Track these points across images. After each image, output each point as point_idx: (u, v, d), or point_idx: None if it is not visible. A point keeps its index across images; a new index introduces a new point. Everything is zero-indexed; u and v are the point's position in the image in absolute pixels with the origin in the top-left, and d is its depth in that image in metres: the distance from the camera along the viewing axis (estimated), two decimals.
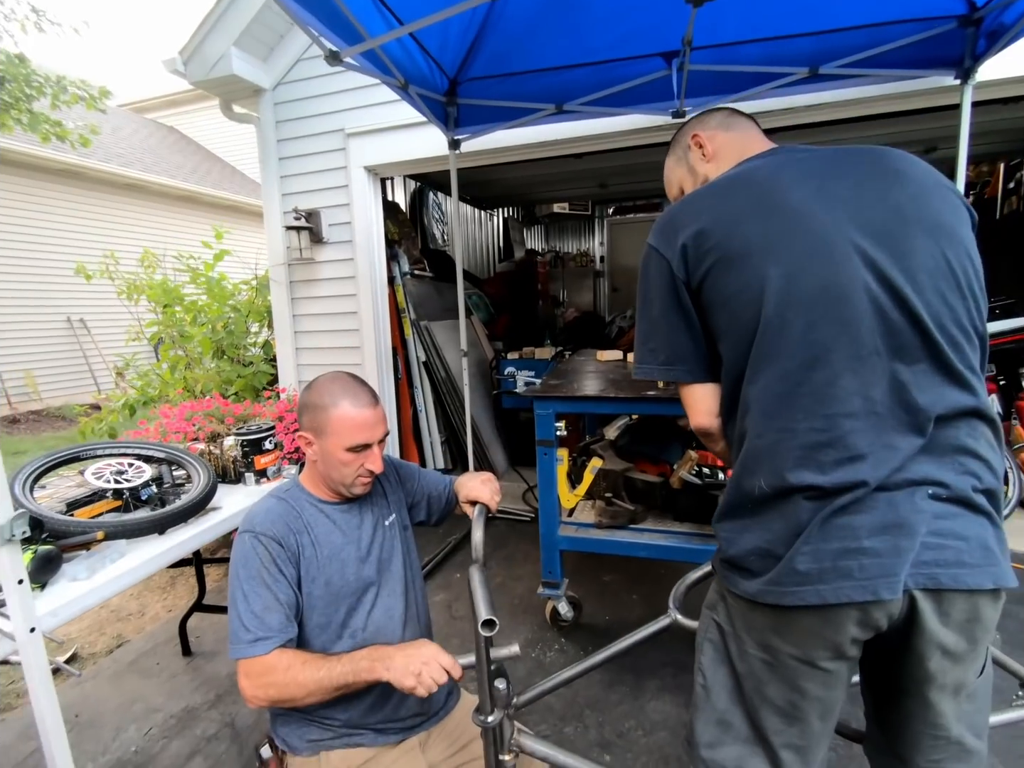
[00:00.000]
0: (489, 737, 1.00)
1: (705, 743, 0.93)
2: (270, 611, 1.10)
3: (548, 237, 9.30)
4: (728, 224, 0.90)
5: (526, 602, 2.47)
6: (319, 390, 1.22)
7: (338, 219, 3.52)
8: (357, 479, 1.21)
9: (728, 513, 0.91)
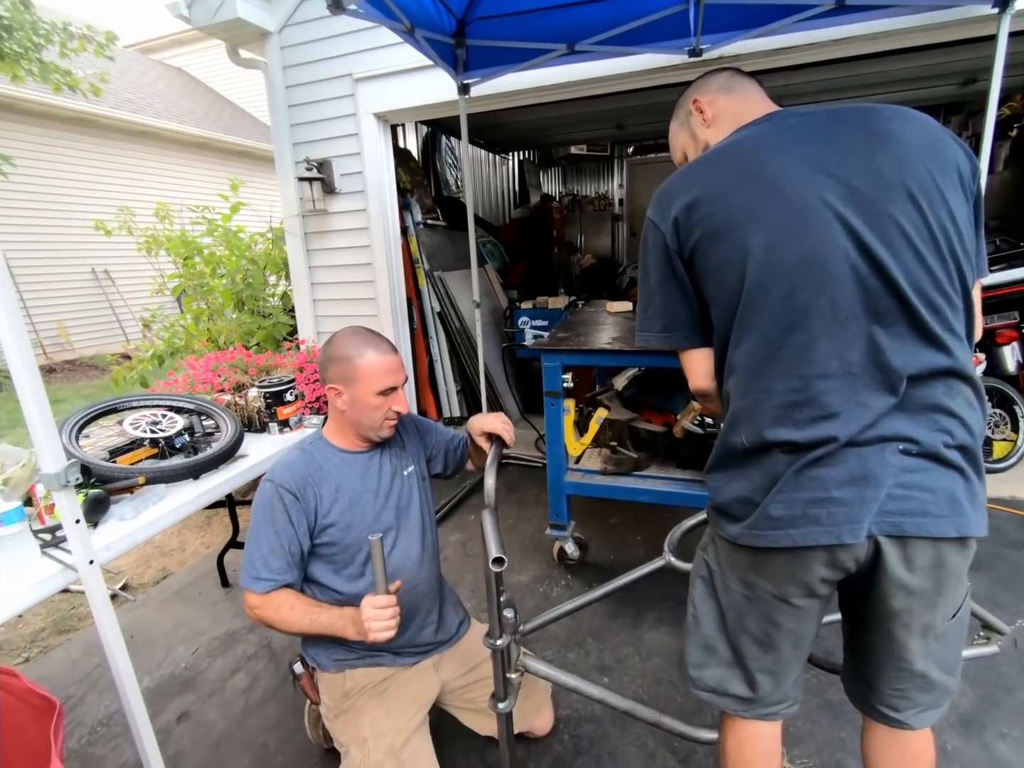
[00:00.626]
0: (497, 658, 1.13)
1: (693, 664, 1.06)
2: (274, 555, 1.25)
3: (565, 180, 9.04)
4: (714, 196, 0.93)
5: (535, 542, 2.62)
6: (341, 344, 1.32)
7: (349, 169, 3.50)
8: (385, 422, 1.33)
9: (716, 465, 0.99)
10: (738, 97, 1.09)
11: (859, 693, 1.04)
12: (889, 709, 0.98)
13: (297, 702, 1.78)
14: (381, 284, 3.64)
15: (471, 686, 1.48)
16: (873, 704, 1.00)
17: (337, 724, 1.35)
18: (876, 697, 0.99)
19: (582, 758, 1.55)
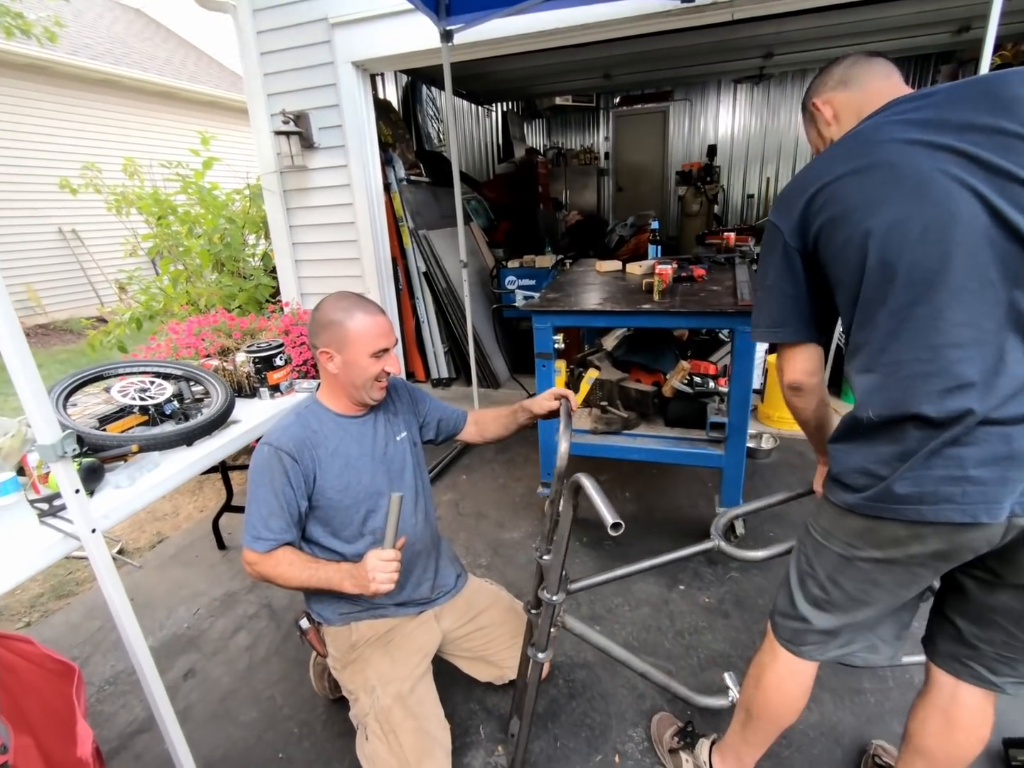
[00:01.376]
0: (549, 612, 1.22)
1: (779, 612, 1.14)
2: (274, 516, 1.27)
3: (550, 132, 8.79)
4: (833, 187, 0.95)
5: (526, 500, 2.68)
6: (330, 308, 1.32)
7: (328, 122, 3.36)
8: (375, 383, 1.34)
9: (840, 436, 0.98)
10: (857, 90, 1.07)
11: (952, 652, 1.05)
12: (988, 672, 1.01)
13: (300, 656, 1.84)
14: (365, 244, 3.56)
15: (470, 635, 1.54)
16: (969, 664, 1.03)
17: (345, 674, 1.40)
18: (976, 658, 1.02)
19: (576, 701, 1.64)
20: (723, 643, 1.80)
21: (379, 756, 1.30)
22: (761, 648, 1.21)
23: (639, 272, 2.59)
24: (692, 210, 6.99)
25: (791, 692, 1.16)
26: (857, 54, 1.11)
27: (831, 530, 1.00)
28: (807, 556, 1.06)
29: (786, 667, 1.14)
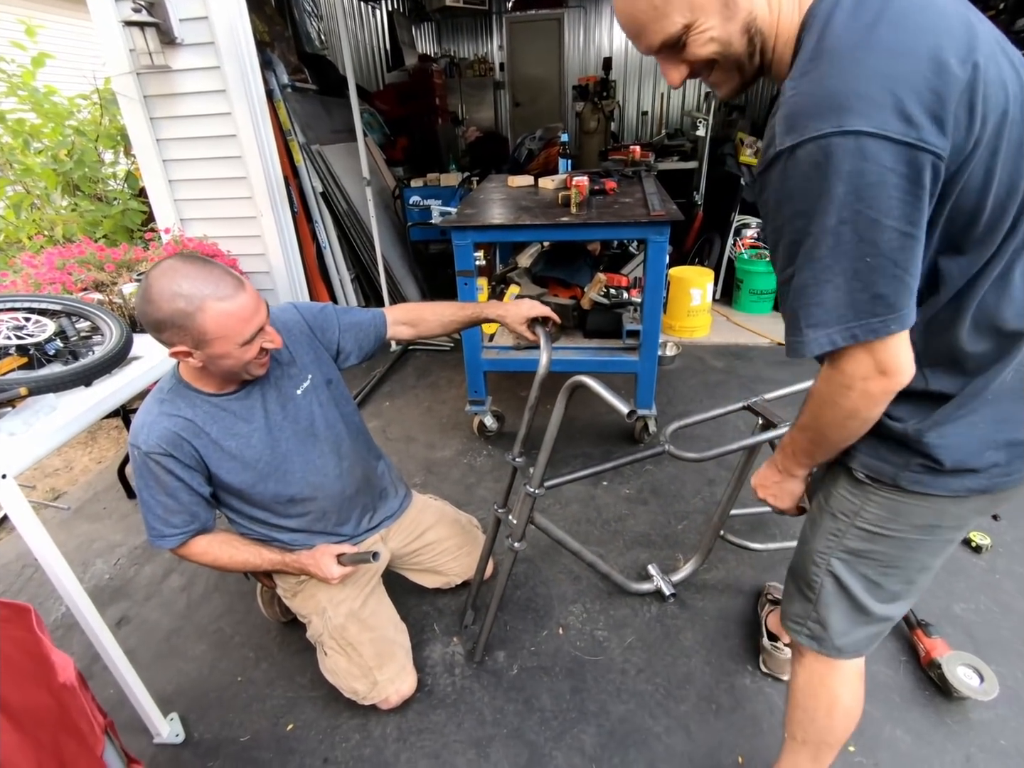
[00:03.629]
0: (529, 503, 1.34)
1: (840, 632, 0.94)
2: (171, 513, 1.21)
3: (440, 39, 8.17)
4: (991, 55, 0.63)
5: (453, 420, 2.74)
6: (165, 297, 1.00)
7: (191, 12, 2.89)
8: (253, 363, 1.14)
9: (944, 420, 0.75)
10: None
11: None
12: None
13: (244, 588, 1.82)
14: (251, 160, 3.21)
15: (419, 551, 1.62)
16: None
17: (296, 601, 1.43)
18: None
19: (520, 590, 1.79)
20: (644, 525, 2.03)
21: (340, 667, 1.37)
22: (808, 676, 1.01)
23: (552, 186, 2.59)
24: (590, 127, 6.94)
25: (859, 706, 1.03)
26: None
27: (938, 523, 0.82)
28: (884, 560, 0.86)
29: (855, 675, 1.00)
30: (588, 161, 6.21)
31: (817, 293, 0.65)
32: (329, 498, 1.39)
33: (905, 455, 0.77)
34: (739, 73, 0.73)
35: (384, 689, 1.37)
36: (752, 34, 0.68)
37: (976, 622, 1.58)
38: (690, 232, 4.19)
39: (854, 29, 0.60)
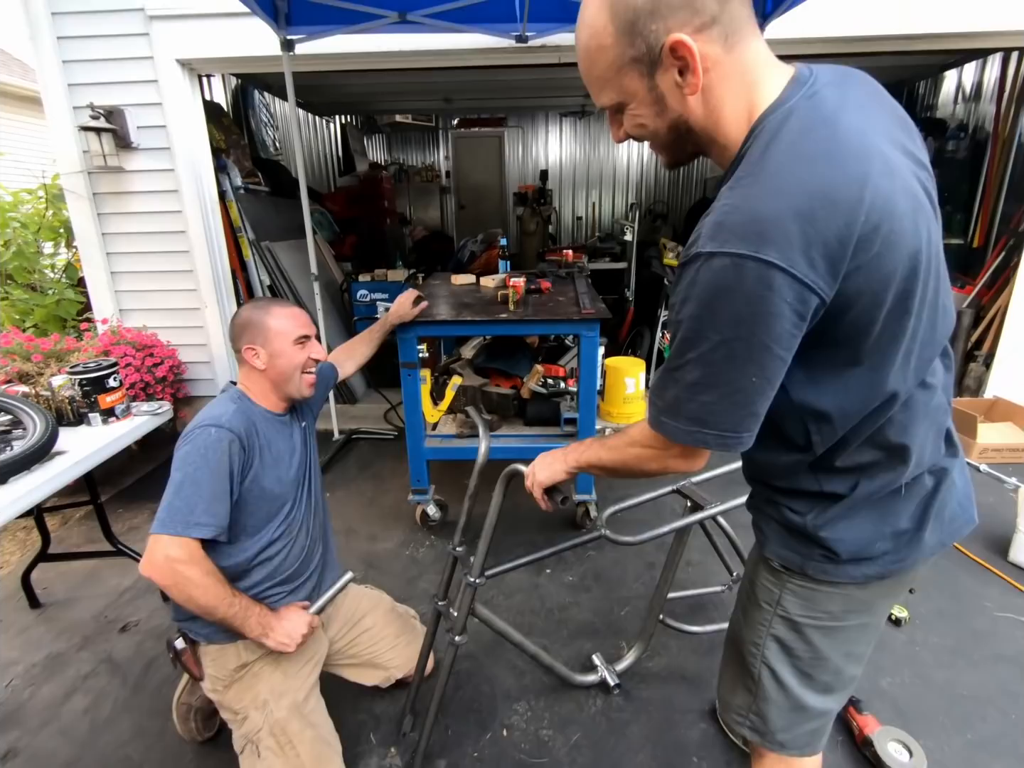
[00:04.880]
0: (469, 594, 1.33)
1: (781, 729, 0.94)
2: (218, 501, 1.19)
3: (391, 148, 8.80)
4: (886, 202, 0.66)
5: (396, 511, 2.70)
6: (247, 311, 1.36)
7: (149, 121, 3.06)
8: (304, 377, 1.36)
9: (841, 516, 0.81)
10: (743, 50, 0.67)
11: None
12: None
13: (158, 706, 1.66)
14: (200, 255, 3.29)
15: (356, 641, 1.55)
16: None
17: (230, 694, 1.32)
18: None
19: (463, 689, 1.72)
20: (587, 613, 2.02)
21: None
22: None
23: (492, 285, 2.78)
24: (530, 229, 7.50)
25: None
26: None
27: (848, 608, 0.86)
28: (808, 650, 0.89)
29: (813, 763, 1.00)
30: (528, 260, 6.65)
31: (702, 395, 0.70)
32: (296, 547, 1.40)
33: (809, 546, 0.83)
34: (672, 154, 0.79)
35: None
36: (681, 132, 0.72)
37: (902, 696, 1.65)
38: (623, 325, 4.50)
39: (795, 159, 0.63)
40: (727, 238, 0.63)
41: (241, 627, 1.21)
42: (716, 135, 0.72)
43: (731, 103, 0.69)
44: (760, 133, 0.67)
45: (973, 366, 3.74)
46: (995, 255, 3.90)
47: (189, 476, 1.18)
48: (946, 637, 1.86)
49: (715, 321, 0.65)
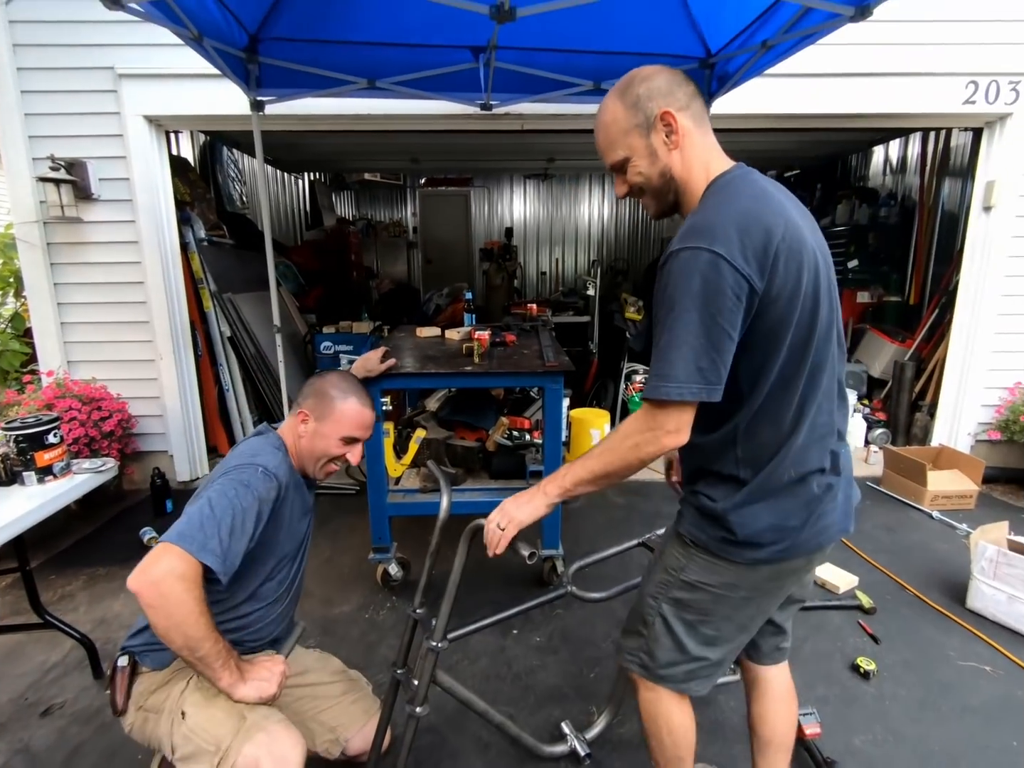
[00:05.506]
0: (431, 659, 1.26)
1: (664, 664, 1.13)
2: (237, 539, 1.12)
3: (359, 204, 8.98)
4: (794, 230, 0.94)
5: (355, 571, 2.58)
6: (331, 383, 1.35)
7: (112, 173, 3.05)
8: (329, 465, 1.36)
9: (743, 503, 1.00)
10: (705, 131, 1.02)
11: (774, 644, 1.27)
12: (777, 652, 1.28)
13: None
14: (157, 306, 3.22)
15: (301, 699, 1.43)
16: (783, 647, 1.28)
17: (154, 696, 1.21)
18: (785, 638, 1.28)
19: (424, 767, 1.60)
20: (556, 677, 1.94)
21: (200, 721, 1.15)
22: (644, 704, 1.21)
23: (457, 338, 2.80)
24: (495, 283, 7.67)
25: (691, 708, 1.22)
26: (687, 76, 1.01)
27: (736, 583, 1.05)
28: (698, 608, 1.08)
29: (682, 703, 1.19)
30: (494, 313, 6.76)
31: (672, 354, 0.90)
32: (274, 612, 1.35)
33: (715, 527, 1.03)
34: (659, 202, 1.06)
35: (256, 725, 1.13)
36: (667, 179, 1.01)
37: (875, 754, 1.61)
38: (588, 377, 4.57)
39: (737, 197, 0.94)
40: (688, 238, 0.89)
41: (220, 669, 1.09)
42: (688, 184, 1.01)
43: (697, 163, 1.00)
44: (713, 187, 0.98)
45: (919, 416, 3.91)
46: (930, 312, 4.17)
47: (226, 504, 1.12)
48: (914, 689, 1.85)
49: (684, 295, 0.88)
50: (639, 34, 2.59)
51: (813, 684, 1.87)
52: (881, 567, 2.56)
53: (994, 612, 2.15)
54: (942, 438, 3.68)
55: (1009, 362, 3.45)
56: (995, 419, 3.45)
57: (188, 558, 1.05)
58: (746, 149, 5.29)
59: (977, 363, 3.48)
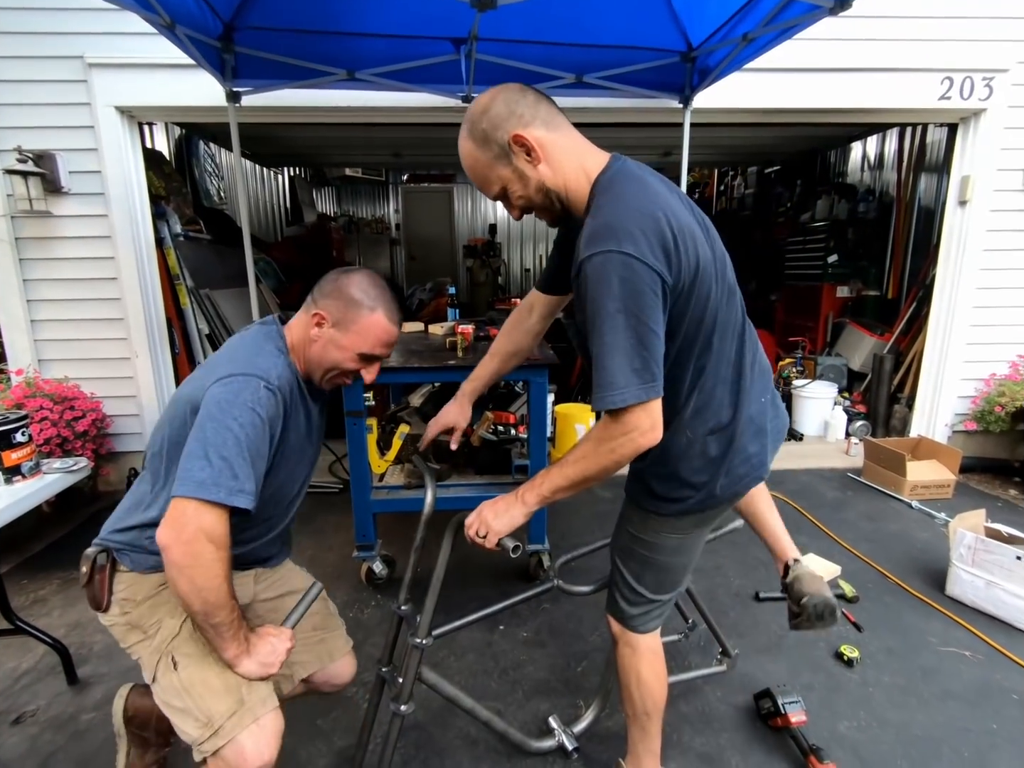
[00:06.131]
0: (416, 656, 1.24)
1: (626, 612, 1.27)
2: (257, 468, 1.01)
3: (340, 200, 8.88)
4: (689, 227, 0.98)
5: (339, 569, 2.54)
6: (361, 285, 1.16)
7: (83, 166, 2.96)
8: (338, 378, 1.20)
9: (654, 464, 1.14)
10: (564, 132, 1.03)
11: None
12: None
13: None
14: (132, 302, 3.14)
15: (272, 609, 1.36)
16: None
17: (141, 610, 1.14)
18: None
19: (411, 766, 1.58)
20: (543, 671, 1.93)
21: (196, 680, 1.08)
22: (620, 657, 1.31)
23: (441, 332, 2.77)
24: (480, 280, 7.65)
25: (663, 669, 1.32)
26: (536, 92, 1.03)
27: (668, 532, 1.19)
28: (641, 555, 1.23)
29: (650, 651, 1.29)
30: (479, 309, 6.73)
31: (608, 361, 0.91)
32: (273, 532, 1.26)
33: (641, 485, 1.19)
34: (549, 212, 1.09)
35: (251, 713, 1.06)
36: (545, 191, 1.03)
37: (860, 740, 1.63)
38: (573, 372, 4.57)
39: (625, 195, 0.95)
40: (596, 242, 0.90)
41: (231, 639, 1.04)
42: (568, 189, 1.03)
43: (568, 167, 1.02)
44: (599, 187, 1.00)
45: (897, 408, 3.98)
46: (908, 305, 4.24)
47: (233, 432, 0.98)
48: (897, 676, 1.87)
49: (606, 299, 0.90)
50: (620, 27, 2.59)
51: (798, 672, 1.89)
52: (863, 556, 2.59)
53: (972, 598, 2.19)
54: (920, 429, 3.75)
55: (984, 354, 3.52)
56: (971, 410, 3.52)
57: (218, 511, 0.96)
58: (728, 144, 5.32)
59: (953, 355, 3.55)
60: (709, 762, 1.58)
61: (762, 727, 1.68)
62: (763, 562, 2.55)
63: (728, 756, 1.59)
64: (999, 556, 2.10)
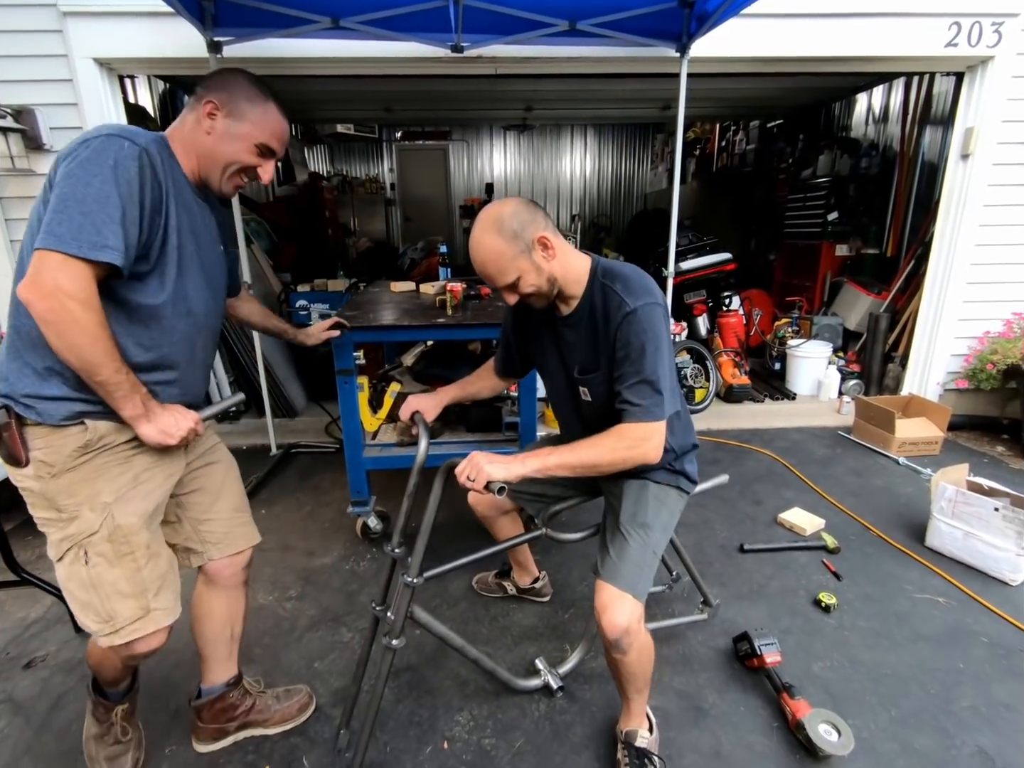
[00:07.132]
0: (408, 594, 1.29)
1: (644, 591, 1.33)
2: (127, 225, 0.96)
3: (333, 159, 8.68)
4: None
5: (336, 523, 2.61)
6: (250, 78, 1.16)
7: (63, 122, 2.89)
8: (236, 177, 1.18)
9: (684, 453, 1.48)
10: (561, 238, 1.29)
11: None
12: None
13: (64, 747, 1.51)
14: None
15: (195, 478, 1.32)
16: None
17: (59, 483, 1.06)
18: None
19: (403, 703, 1.66)
20: (532, 618, 2.00)
21: (105, 580, 1.09)
22: (640, 649, 1.32)
23: (432, 291, 2.76)
24: None
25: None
26: (529, 201, 1.26)
27: (676, 513, 1.47)
28: (669, 529, 1.44)
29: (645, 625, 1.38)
30: None
31: (661, 385, 1.22)
32: (181, 344, 1.17)
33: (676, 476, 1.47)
34: (546, 299, 1.32)
35: (154, 621, 1.14)
36: (552, 282, 1.28)
37: (832, 679, 1.71)
38: None
39: (622, 268, 1.30)
40: (638, 297, 1.22)
41: (123, 399, 1.01)
42: (566, 279, 1.30)
43: (569, 263, 1.30)
44: (600, 269, 1.31)
45: (891, 367, 3.99)
46: (906, 263, 4.20)
47: (95, 189, 0.93)
48: (872, 620, 1.95)
49: (658, 339, 1.22)
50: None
51: (777, 617, 1.96)
52: (847, 510, 2.65)
53: (951, 549, 2.26)
54: (912, 387, 3.77)
55: (980, 311, 3.51)
56: (964, 368, 3.53)
57: (77, 265, 0.91)
58: (728, 97, 5.16)
59: (949, 313, 3.54)
60: (687, 699, 1.66)
61: (740, 668, 1.75)
62: (749, 516, 2.62)
63: (706, 694, 1.67)
64: (978, 508, 2.15)
